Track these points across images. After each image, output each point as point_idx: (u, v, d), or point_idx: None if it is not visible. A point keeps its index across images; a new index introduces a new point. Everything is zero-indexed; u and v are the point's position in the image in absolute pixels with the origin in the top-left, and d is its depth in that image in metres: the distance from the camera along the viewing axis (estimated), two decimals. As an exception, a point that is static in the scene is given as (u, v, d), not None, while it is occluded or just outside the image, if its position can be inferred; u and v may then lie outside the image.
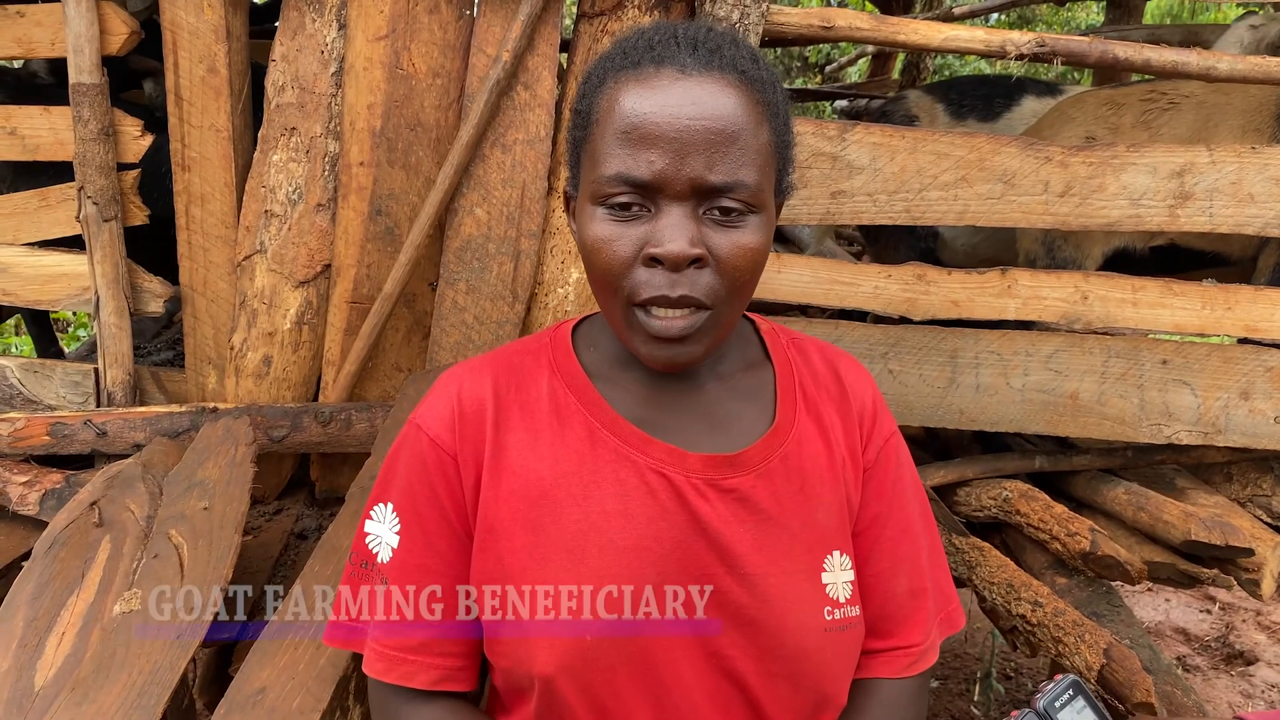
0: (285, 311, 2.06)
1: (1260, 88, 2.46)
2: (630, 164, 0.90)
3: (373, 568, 1.05)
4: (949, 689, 3.65)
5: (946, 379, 2.16)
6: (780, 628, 0.99)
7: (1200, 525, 1.91)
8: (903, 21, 1.98)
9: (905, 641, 1.10)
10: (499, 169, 1.97)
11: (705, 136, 0.89)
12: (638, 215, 0.92)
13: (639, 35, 0.97)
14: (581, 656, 0.96)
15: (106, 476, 1.68)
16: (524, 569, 0.99)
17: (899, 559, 1.10)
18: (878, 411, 1.13)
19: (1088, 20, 9.69)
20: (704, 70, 0.91)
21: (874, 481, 1.11)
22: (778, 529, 1.01)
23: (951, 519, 2.04)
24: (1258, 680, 3.74)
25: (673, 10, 1.93)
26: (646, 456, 1.00)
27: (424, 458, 1.03)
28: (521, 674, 1.00)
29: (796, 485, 1.03)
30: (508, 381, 1.05)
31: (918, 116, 3.44)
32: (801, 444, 1.05)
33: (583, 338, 1.10)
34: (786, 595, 1.00)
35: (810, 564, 1.02)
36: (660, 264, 0.90)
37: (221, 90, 1.99)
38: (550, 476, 1.00)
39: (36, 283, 2.16)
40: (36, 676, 1.26)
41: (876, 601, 1.09)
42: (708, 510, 0.99)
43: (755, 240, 0.93)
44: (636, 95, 0.91)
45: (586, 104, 0.98)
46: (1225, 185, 2.03)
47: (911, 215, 2.04)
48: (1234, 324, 2.12)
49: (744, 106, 0.92)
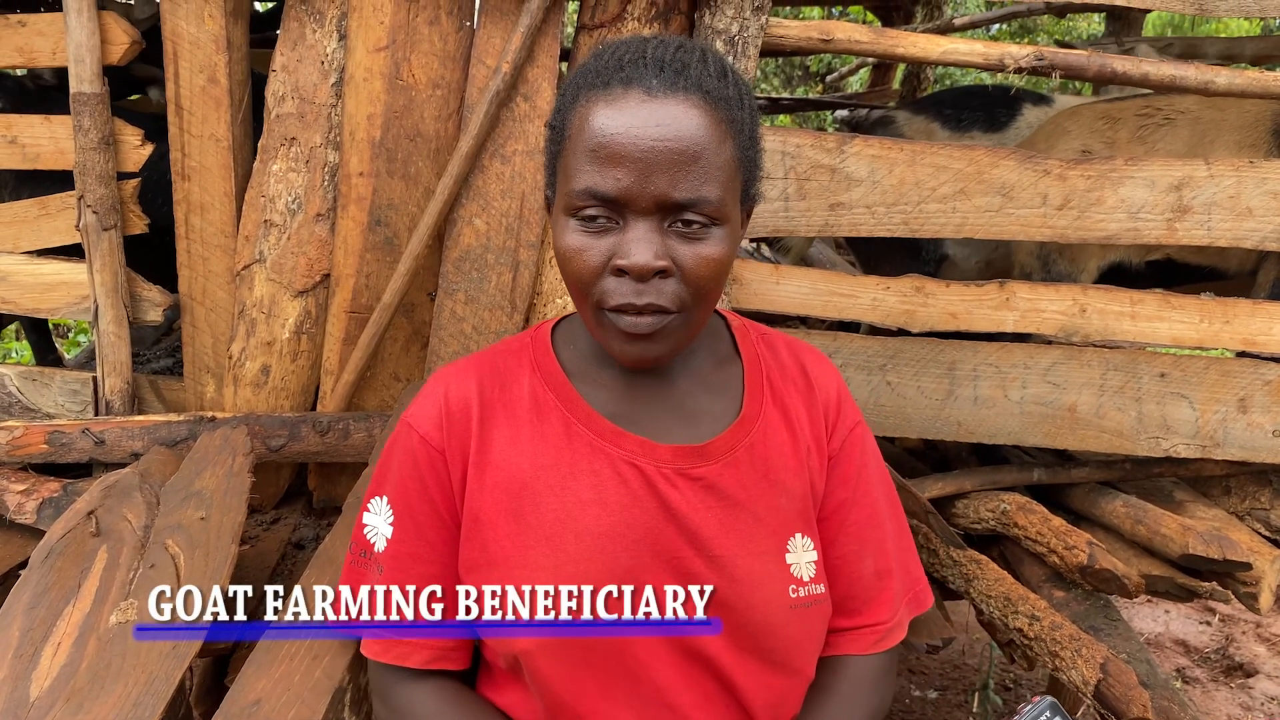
0: (284, 321, 2.06)
1: (1255, 104, 2.46)
2: (598, 180, 0.96)
3: (370, 556, 1.13)
4: (948, 700, 3.64)
5: (945, 391, 2.16)
6: (748, 605, 1.06)
7: (1198, 539, 1.91)
8: (901, 34, 1.99)
9: (872, 619, 1.18)
10: (498, 180, 1.98)
11: (669, 156, 0.95)
12: (606, 227, 0.98)
13: (611, 53, 1.03)
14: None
15: (104, 486, 1.68)
16: (507, 555, 1.06)
17: (864, 541, 1.17)
18: (842, 403, 1.20)
19: (1089, 30, 9.70)
20: (669, 92, 0.96)
21: (839, 469, 1.18)
22: (744, 513, 1.09)
23: (949, 531, 2.03)
24: (1257, 693, 3.73)
25: (672, 23, 1.93)
26: (619, 448, 1.07)
27: (415, 454, 1.11)
28: (504, 651, 1.08)
29: (761, 472, 1.10)
30: (492, 381, 1.13)
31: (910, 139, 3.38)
32: (767, 434, 1.12)
33: (562, 336, 1.18)
34: (753, 575, 1.07)
35: (775, 545, 1.09)
36: (627, 274, 0.96)
37: (222, 100, 1.99)
38: (530, 469, 1.08)
39: (36, 291, 2.16)
40: (32, 687, 1.26)
41: (843, 582, 1.17)
42: (677, 497, 1.06)
43: (718, 251, 0.99)
44: (605, 115, 0.97)
45: (560, 119, 1.04)
46: (1223, 199, 2.04)
47: (910, 228, 2.04)
48: (1232, 337, 2.12)
49: (707, 126, 0.97)
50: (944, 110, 3.46)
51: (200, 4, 1.94)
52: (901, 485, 2.01)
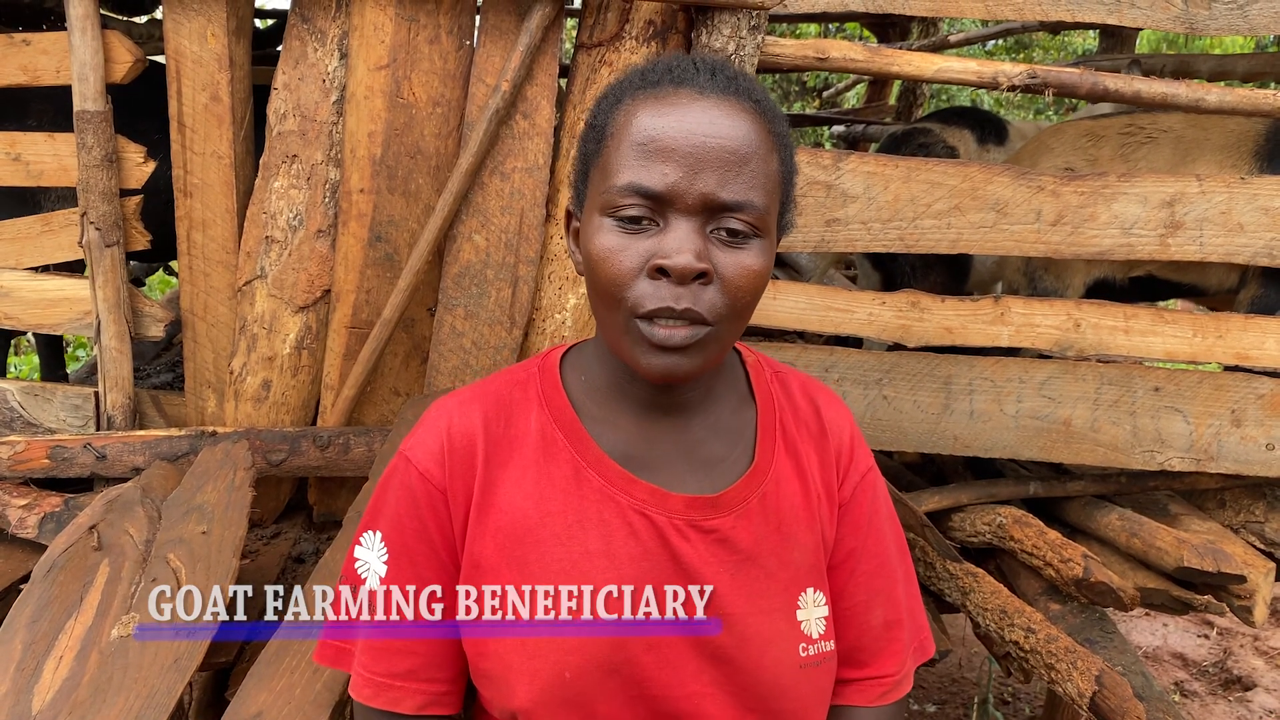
0: (285, 336, 2.07)
1: (1238, 123, 2.48)
2: (644, 175, 0.92)
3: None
4: (947, 714, 3.64)
5: (941, 405, 2.17)
6: (757, 666, 1.01)
7: (1193, 552, 1.92)
8: (896, 53, 2.01)
9: (880, 671, 1.13)
10: (498, 196, 1.99)
11: (719, 155, 0.92)
12: (645, 229, 0.93)
13: (657, 62, 1.01)
14: (560, 693, 0.98)
15: (106, 500, 1.69)
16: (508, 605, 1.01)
17: (874, 592, 1.13)
18: (855, 448, 1.15)
19: (1084, 46, 9.75)
20: (721, 94, 0.94)
21: (849, 517, 1.13)
22: (755, 569, 1.03)
23: (945, 545, 2.04)
24: (1255, 706, 3.74)
25: (669, 42, 1.96)
26: (630, 497, 1.02)
27: (413, 491, 1.04)
28: (502, 705, 1.02)
29: (774, 525, 1.05)
30: (497, 415, 1.06)
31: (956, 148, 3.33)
32: (779, 484, 1.07)
33: (571, 366, 1.11)
34: (763, 634, 1.02)
35: (786, 602, 1.04)
36: (666, 275, 0.91)
37: (224, 118, 2.01)
38: (536, 515, 1.02)
39: (38, 307, 2.18)
40: (34, 700, 1.27)
41: (853, 633, 1.12)
42: (689, 551, 1.01)
43: (758, 263, 0.94)
44: (654, 111, 0.94)
45: (601, 120, 1.00)
46: (1215, 215, 2.06)
47: (905, 243, 2.06)
48: (1225, 352, 2.13)
49: (757, 132, 0.94)
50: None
51: (203, 23, 1.96)
52: (898, 499, 2.02)
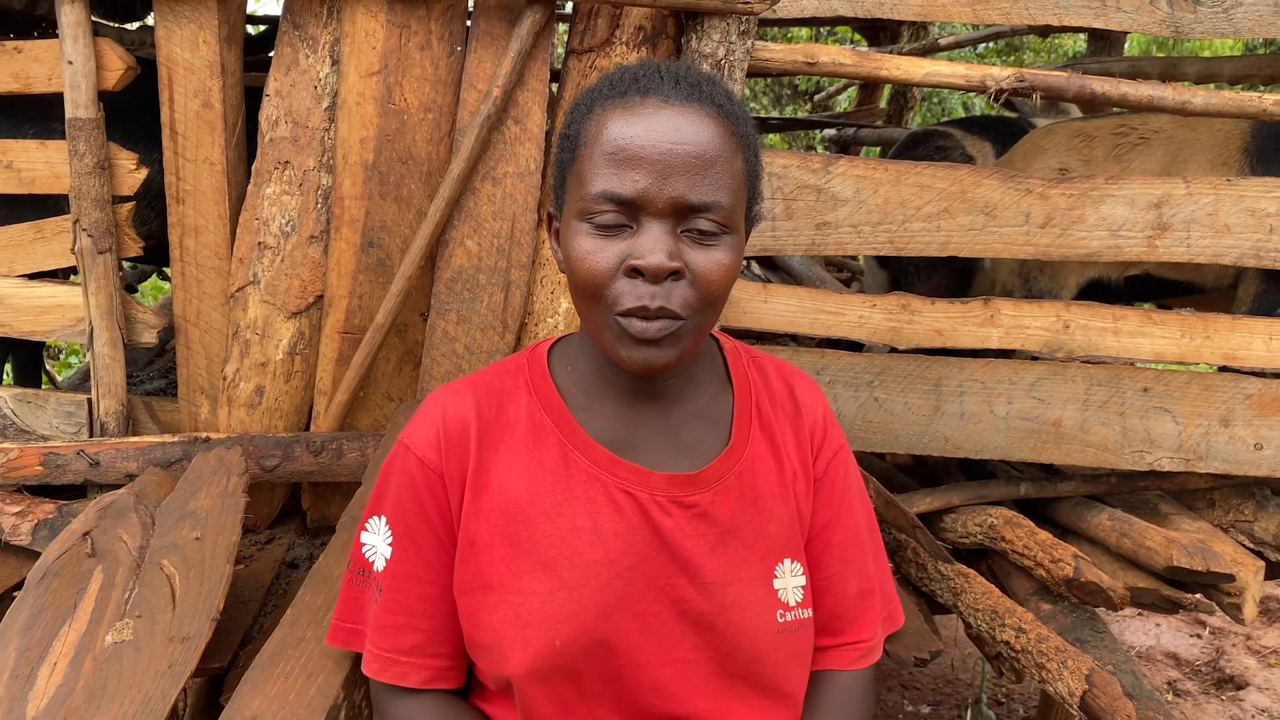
0: (278, 342, 2.08)
1: (1226, 123, 2.50)
2: (616, 183, 0.98)
3: (369, 575, 1.15)
4: (941, 715, 3.65)
5: (931, 407, 2.18)
6: (738, 631, 1.09)
7: (1182, 551, 1.94)
8: (885, 57, 2.02)
9: (856, 637, 1.21)
10: (490, 201, 2.00)
11: (686, 160, 0.97)
12: (620, 232, 0.99)
13: (624, 71, 1.06)
14: (550, 660, 1.05)
15: (99, 507, 1.69)
16: (502, 580, 1.08)
17: (848, 562, 1.21)
18: (828, 427, 1.23)
19: (1074, 48, 9.79)
20: (685, 101, 1.00)
21: (824, 491, 1.21)
22: (733, 540, 1.11)
23: (937, 545, 2.05)
24: (1248, 705, 3.75)
25: (659, 47, 1.97)
26: (614, 476, 1.09)
27: (413, 476, 1.12)
28: (496, 675, 1.10)
29: (750, 500, 1.13)
30: (489, 403, 1.14)
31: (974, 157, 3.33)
32: (754, 462, 1.15)
33: (558, 358, 1.19)
34: (741, 601, 1.09)
35: (763, 572, 1.12)
36: (641, 275, 0.98)
37: (216, 125, 2.02)
38: (527, 495, 1.09)
39: (31, 314, 2.18)
40: (29, 707, 1.27)
41: (830, 602, 1.20)
42: (670, 525, 1.08)
43: (728, 258, 1.01)
44: (623, 121, 0.99)
45: (574, 130, 1.06)
46: (1202, 216, 2.07)
47: (895, 246, 2.07)
48: (1213, 353, 2.15)
49: (721, 136, 1.00)
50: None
51: (195, 30, 1.97)
52: (890, 500, 2.03)
